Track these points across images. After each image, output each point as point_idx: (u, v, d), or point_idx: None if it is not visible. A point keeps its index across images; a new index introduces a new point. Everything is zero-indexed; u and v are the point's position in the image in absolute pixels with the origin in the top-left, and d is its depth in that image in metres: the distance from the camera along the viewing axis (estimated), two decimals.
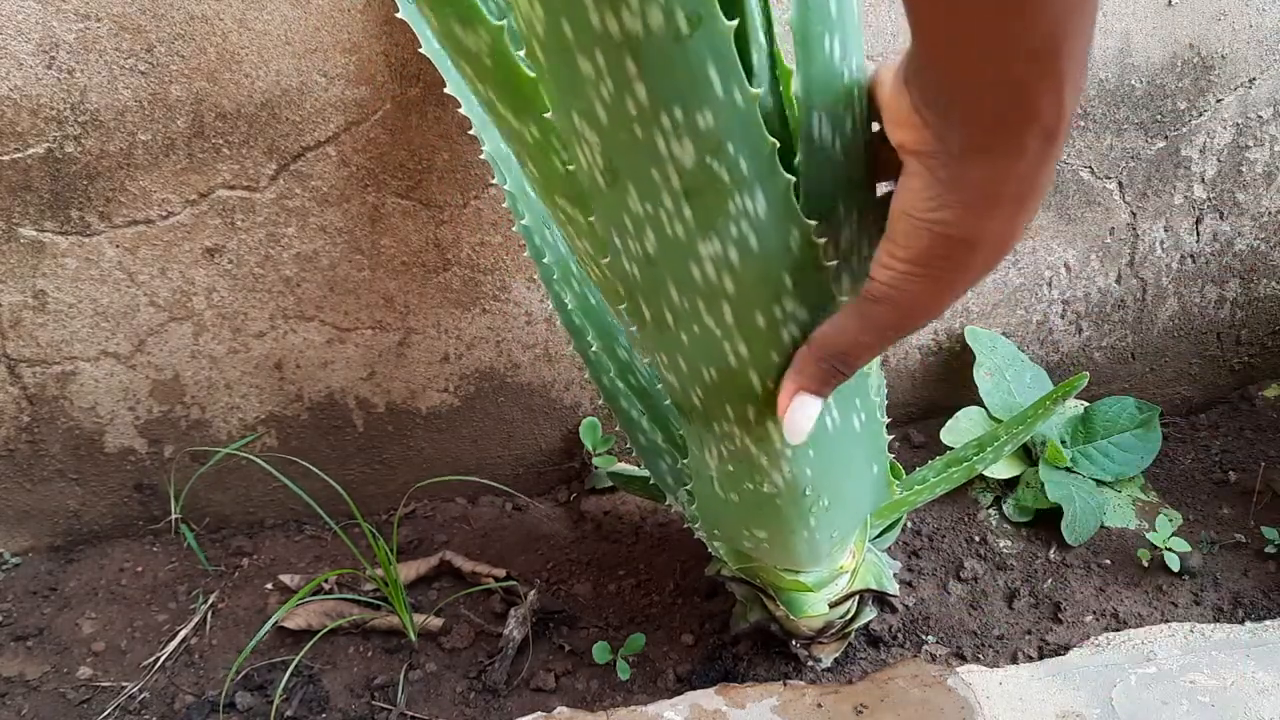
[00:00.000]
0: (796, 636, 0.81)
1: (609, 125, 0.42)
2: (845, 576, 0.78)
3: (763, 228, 0.45)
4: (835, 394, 0.53)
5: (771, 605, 0.79)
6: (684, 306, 0.50)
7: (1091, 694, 0.77)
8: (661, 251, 0.47)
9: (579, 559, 0.96)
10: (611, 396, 0.78)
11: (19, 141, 0.79)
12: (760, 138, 0.42)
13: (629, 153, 0.43)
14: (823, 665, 0.82)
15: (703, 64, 0.39)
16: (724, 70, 0.40)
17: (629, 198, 0.45)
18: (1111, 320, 1.11)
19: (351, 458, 0.98)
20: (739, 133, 0.42)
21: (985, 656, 0.86)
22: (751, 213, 0.45)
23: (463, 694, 0.83)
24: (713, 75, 0.40)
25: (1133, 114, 1.00)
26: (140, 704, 0.82)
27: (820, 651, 0.82)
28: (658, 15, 0.38)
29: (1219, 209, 1.08)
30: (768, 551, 0.72)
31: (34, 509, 0.94)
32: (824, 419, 0.57)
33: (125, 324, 0.87)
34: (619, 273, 0.50)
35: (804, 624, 0.79)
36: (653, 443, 0.78)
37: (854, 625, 0.81)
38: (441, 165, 0.87)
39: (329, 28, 0.80)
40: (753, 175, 0.43)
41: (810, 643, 0.81)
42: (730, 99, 0.41)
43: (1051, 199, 1.02)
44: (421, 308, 0.93)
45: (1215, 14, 0.98)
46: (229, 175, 0.83)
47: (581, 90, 0.41)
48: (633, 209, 0.46)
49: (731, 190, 0.44)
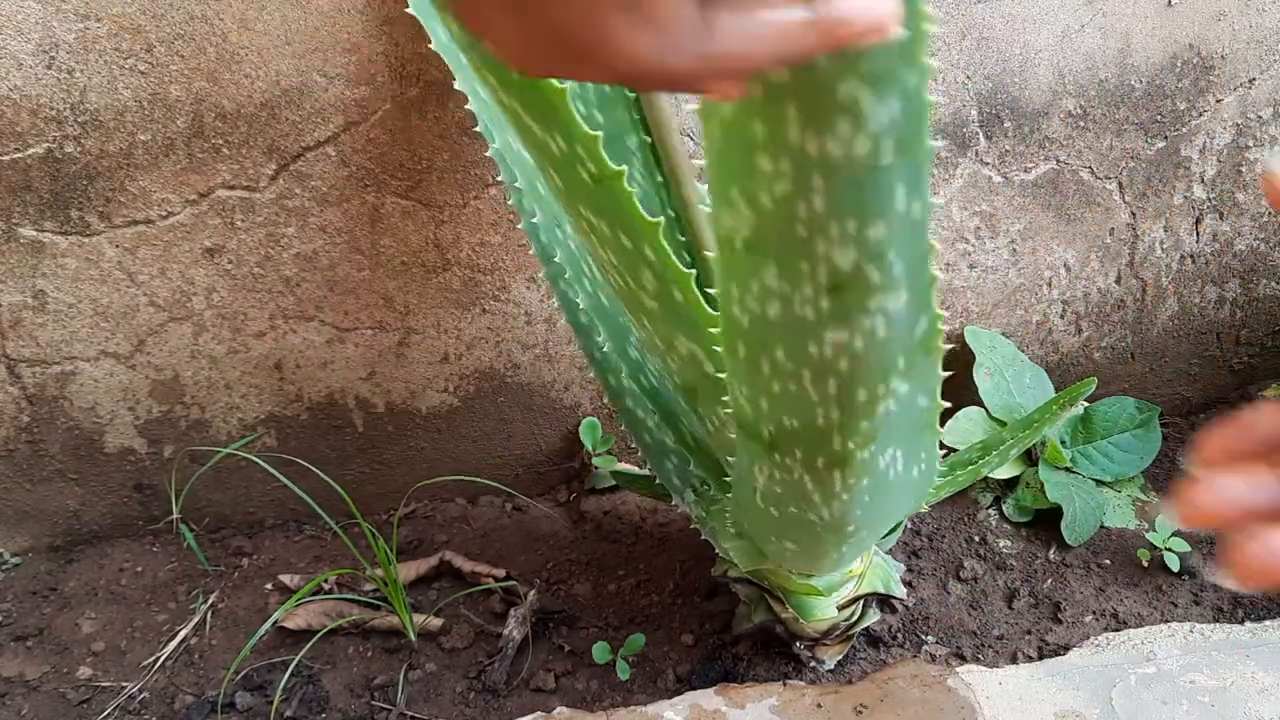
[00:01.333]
0: (801, 638, 0.81)
1: (770, 214, 0.39)
2: (854, 580, 0.78)
3: (894, 320, 0.44)
4: (905, 444, 0.53)
5: (778, 607, 0.79)
6: (789, 368, 0.48)
7: (1091, 694, 0.77)
8: (783, 323, 0.45)
9: (579, 559, 0.96)
10: (617, 396, 0.77)
11: (19, 141, 0.78)
12: (924, 244, 0.41)
13: (782, 242, 0.41)
14: (825, 667, 0.82)
15: (893, 186, 0.38)
16: (911, 189, 0.38)
17: (765, 271, 0.43)
18: (1111, 320, 1.11)
19: (351, 458, 0.98)
20: (904, 242, 0.40)
21: (985, 656, 0.85)
22: (889, 309, 0.43)
23: (463, 694, 0.83)
24: (899, 194, 0.38)
25: (1133, 114, 1.00)
26: (140, 704, 0.82)
27: (824, 653, 0.82)
28: (864, 145, 0.35)
29: (1219, 209, 1.08)
30: (790, 558, 0.72)
31: (34, 509, 0.94)
32: (889, 468, 0.56)
33: (125, 324, 0.87)
34: (728, 315, 0.48)
35: (810, 626, 0.79)
36: (659, 442, 0.78)
37: (858, 628, 0.81)
38: (441, 165, 0.87)
39: (329, 28, 0.80)
40: (902, 277, 0.42)
41: (814, 644, 0.81)
42: (907, 213, 0.39)
43: (1051, 199, 1.02)
44: (421, 308, 0.93)
45: (1215, 14, 0.98)
46: (229, 175, 0.83)
47: (750, 177, 0.38)
48: (766, 281, 0.43)
49: (876, 290, 0.42)
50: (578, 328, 0.75)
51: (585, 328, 0.75)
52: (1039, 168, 1.01)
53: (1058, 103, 0.98)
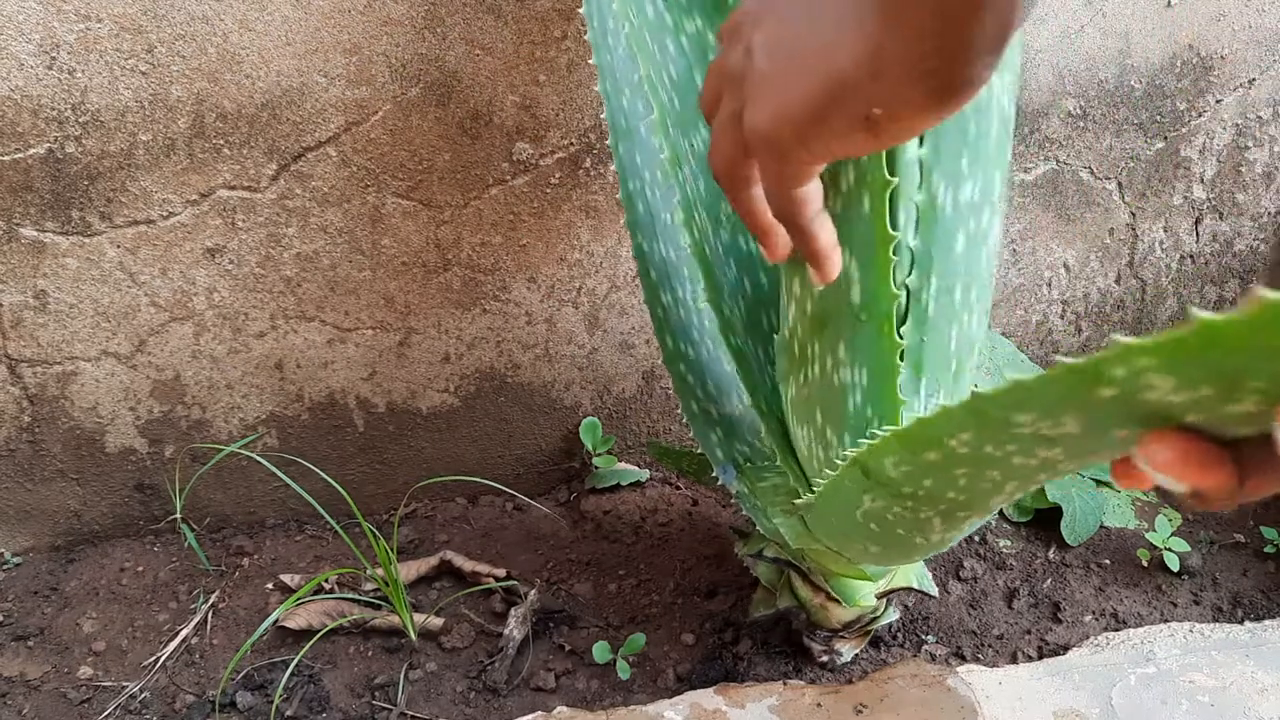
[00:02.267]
0: (822, 628, 0.80)
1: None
2: (893, 572, 0.78)
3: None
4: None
5: (807, 593, 0.78)
6: (966, 455, 0.43)
7: (1091, 694, 0.77)
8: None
9: (579, 559, 0.96)
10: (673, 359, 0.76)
11: (20, 142, 0.79)
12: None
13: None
14: (842, 659, 0.82)
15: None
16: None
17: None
18: (1111, 320, 1.12)
19: (352, 457, 0.99)
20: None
21: (985, 656, 0.86)
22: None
23: (463, 693, 0.83)
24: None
25: (1132, 114, 1.00)
26: (141, 703, 0.82)
27: (842, 645, 0.82)
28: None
29: (1218, 209, 1.08)
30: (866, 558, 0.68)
31: (35, 509, 0.94)
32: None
33: (126, 324, 0.87)
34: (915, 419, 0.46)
35: (838, 615, 0.78)
36: (704, 411, 0.77)
37: (880, 622, 0.81)
38: (442, 165, 0.87)
39: (329, 28, 0.80)
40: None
41: (833, 636, 0.81)
42: None
43: (1051, 199, 1.03)
44: (422, 308, 0.93)
45: (1215, 14, 0.98)
46: (230, 175, 0.84)
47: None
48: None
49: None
50: (647, 282, 0.75)
51: (655, 283, 0.74)
52: (1039, 168, 1.01)
53: (1057, 103, 0.98)
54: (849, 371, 0.59)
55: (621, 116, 0.74)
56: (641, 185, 0.75)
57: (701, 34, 0.68)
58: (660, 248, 0.76)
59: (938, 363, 0.59)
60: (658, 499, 1.02)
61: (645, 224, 0.75)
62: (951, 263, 0.56)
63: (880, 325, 0.55)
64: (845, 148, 0.43)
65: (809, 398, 0.63)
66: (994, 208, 0.56)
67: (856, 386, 0.59)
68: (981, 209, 0.55)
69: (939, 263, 0.55)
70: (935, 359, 0.59)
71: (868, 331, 0.56)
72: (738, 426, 0.78)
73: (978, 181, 0.54)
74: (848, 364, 0.58)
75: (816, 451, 0.65)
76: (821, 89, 0.41)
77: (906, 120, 0.41)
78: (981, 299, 0.59)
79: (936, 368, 0.59)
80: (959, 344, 0.59)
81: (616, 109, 0.74)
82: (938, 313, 0.57)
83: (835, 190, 0.53)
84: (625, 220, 0.76)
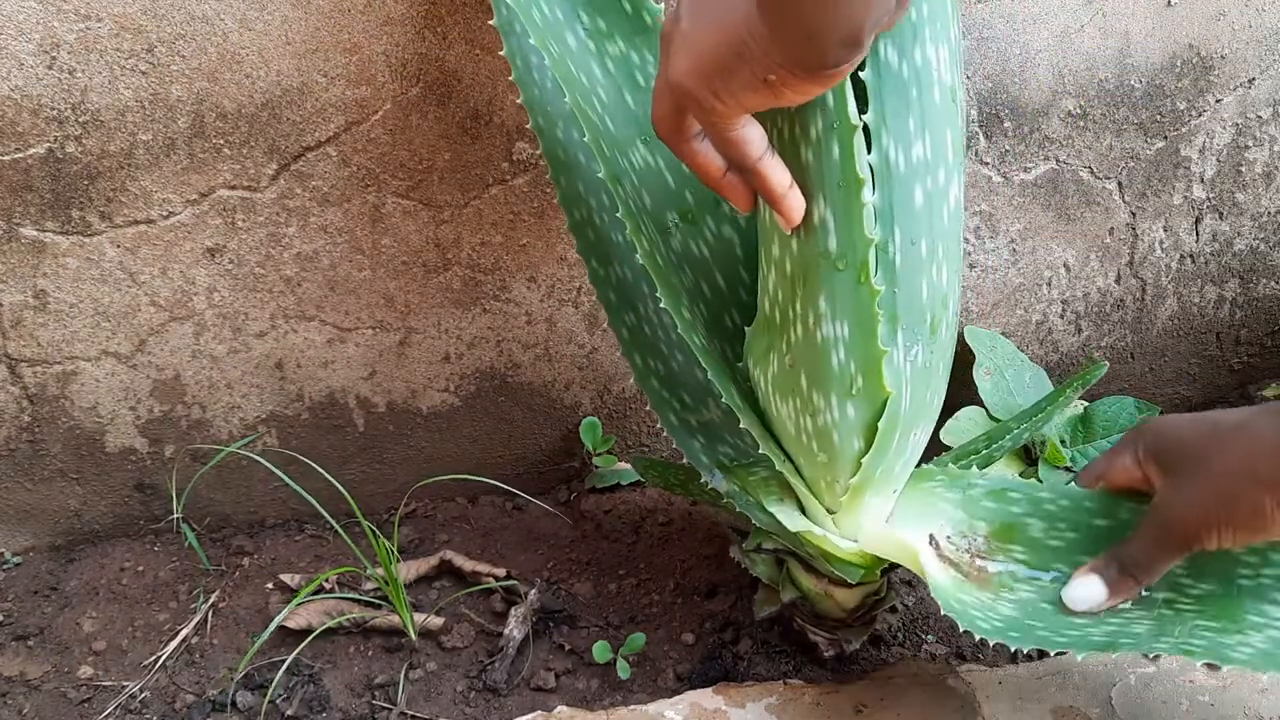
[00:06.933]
0: (827, 618, 0.80)
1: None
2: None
3: None
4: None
5: (810, 580, 0.78)
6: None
7: (1091, 693, 0.77)
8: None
9: (579, 558, 0.96)
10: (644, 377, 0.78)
11: (20, 141, 0.79)
12: None
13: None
14: (851, 647, 0.82)
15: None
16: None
17: None
18: (1111, 320, 1.12)
19: (352, 457, 0.99)
20: None
21: (985, 655, 0.86)
22: None
23: (463, 693, 0.83)
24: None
25: (1132, 114, 1.01)
26: (141, 703, 0.82)
27: (848, 634, 0.81)
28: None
29: (1218, 209, 1.08)
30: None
31: (35, 508, 0.94)
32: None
33: (126, 324, 0.87)
34: None
35: (841, 600, 0.78)
36: (684, 422, 0.78)
37: (881, 608, 0.81)
38: (442, 165, 0.87)
39: (329, 28, 0.80)
40: None
41: (839, 625, 0.81)
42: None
43: (1051, 199, 1.03)
44: (422, 307, 0.93)
45: (1215, 14, 0.98)
46: (230, 175, 0.84)
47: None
48: None
49: None
50: (609, 305, 0.77)
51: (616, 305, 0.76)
52: (1038, 167, 1.01)
53: (1057, 102, 0.98)
54: (830, 325, 0.61)
55: (559, 149, 0.76)
56: (589, 212, 0.77)
57: (625, 56, 0.73)
58: (616, 269, 0.78)
59: (912, 314, 0.62)
60: (658, 499, 1.02)
61: (598, 249, 0.77)
62: (913, 217, 0.59)
63: (858, 273, 0.58)
64: (754, 101, 0.50)
65: (792, 366, 0.65)
66: (949, 168, 0.59)
67: (839, 340, 0.62)
68: (936, 167, 0.59)
69: (900, 217, 0.59)
70: (909, 311, 0.62)
71: (846, 280, 0.59)
72: (718, 431, 0.80)
73: (926, 141, 0.58)
74: (829, 317, 0.61)
75: (804, 424, 0.67)
76: (726, 47, 0.48)
77: (797, 85, 0.48)
78: (950, 256, 0.62)
79: (912, 320, 0.62)
80: (930, 297, 0.62)
81: (553, 142, 0.76)
82: (905, 265, 0.60)
83: (806, 140, 0.56)
84: (577, 248, 0.77)
